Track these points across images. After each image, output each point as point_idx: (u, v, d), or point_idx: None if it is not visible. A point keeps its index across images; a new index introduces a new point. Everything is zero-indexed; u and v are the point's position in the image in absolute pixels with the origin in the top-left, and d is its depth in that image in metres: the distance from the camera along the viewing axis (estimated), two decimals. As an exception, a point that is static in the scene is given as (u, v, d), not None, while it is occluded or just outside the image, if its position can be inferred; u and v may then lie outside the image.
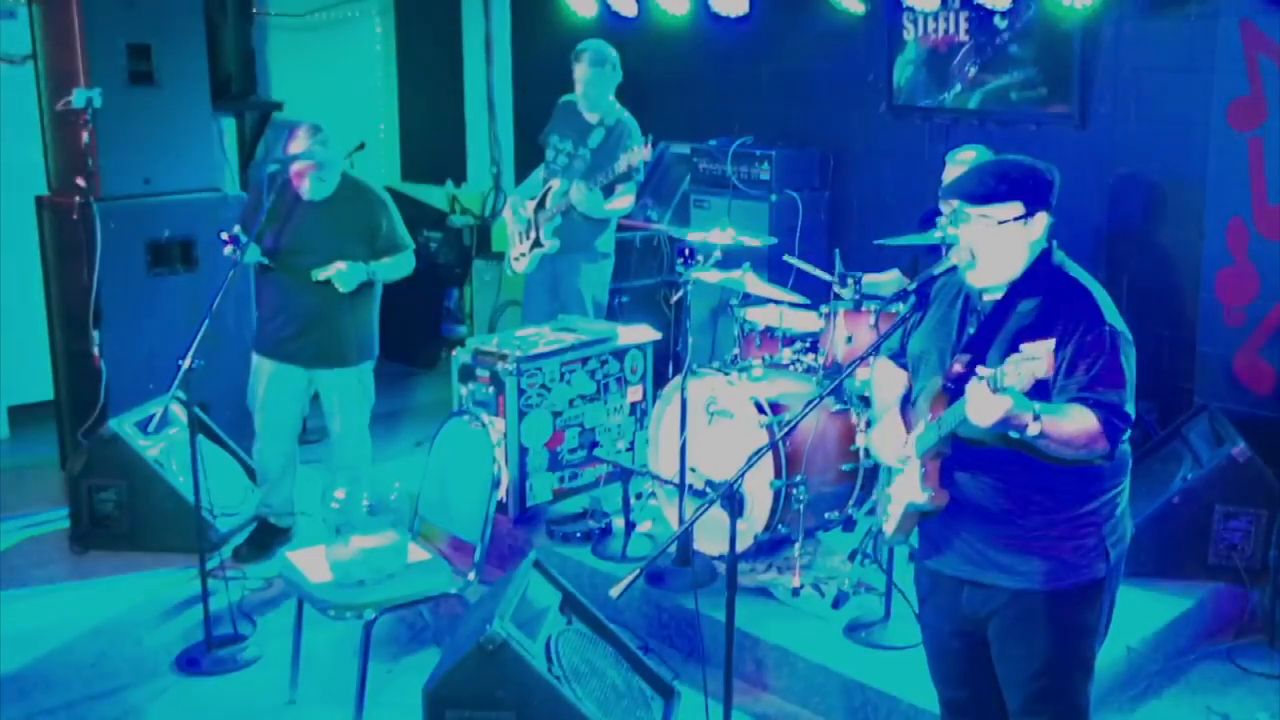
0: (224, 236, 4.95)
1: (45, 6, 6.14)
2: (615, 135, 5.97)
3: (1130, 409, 2.85)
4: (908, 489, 3.05)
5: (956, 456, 2.96)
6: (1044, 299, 2.93)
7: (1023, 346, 2.63)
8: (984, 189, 2.95)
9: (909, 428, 3.10)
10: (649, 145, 5.70)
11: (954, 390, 2.88)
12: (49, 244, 6.30)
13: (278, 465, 5.43)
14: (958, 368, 2.90)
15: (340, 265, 5.03)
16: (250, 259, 5.03)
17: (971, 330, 3.01)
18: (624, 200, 6.02)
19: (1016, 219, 2.92)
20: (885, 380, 3.32)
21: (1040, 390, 2.78)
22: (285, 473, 5.46)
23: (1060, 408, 2.79)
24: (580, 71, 6.00)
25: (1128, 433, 2.93)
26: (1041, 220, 2.96)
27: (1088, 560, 2.97)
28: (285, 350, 5.22)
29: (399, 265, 5.27)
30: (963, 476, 2.99)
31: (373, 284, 5.23)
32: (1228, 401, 5.23)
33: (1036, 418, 2.69)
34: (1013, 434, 2.75)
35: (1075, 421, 2.77)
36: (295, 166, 5.02)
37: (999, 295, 2.99)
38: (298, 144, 5.00)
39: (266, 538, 5.47)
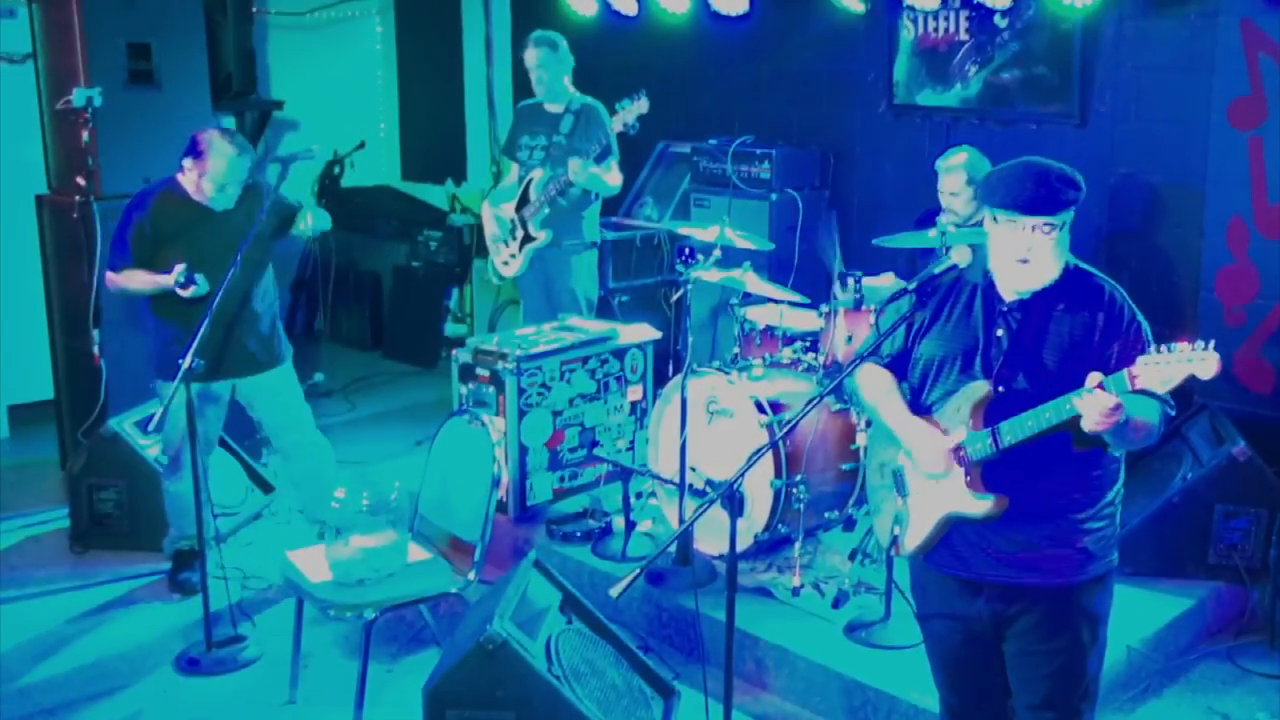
0: (184, 287, 4.65)
1: (45, 6, 6.14)
2: (585, 118, 5.99)
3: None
4: (948, 498, 3.00)
5: (1004, 460, 2.92)
6: (1071, 299, 2.92)
7: (1174, 346, 2.60)
8: (1064, 198, 2.88)
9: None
10: (643, 99, 5.66)
11: (1006, 396, 2.88)
12: (49, 243, 6.30)
13: (203, 489, 4.84)
14: (1021, 380, 2.89)
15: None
16: (204, 290, 4.70)
17: (1000, 333, 2.96)
18: (615, 175, 6.00)
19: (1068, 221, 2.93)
20: (872, 381, 3.24)
21: (1077, 374, 2.76)
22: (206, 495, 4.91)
23: (1135, 400, 2.76)
24: (531, 57, 6.01)
25: None
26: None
27: (1105, 550, 3.03)
28: (210, 367, 4.71)
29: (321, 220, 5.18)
30: (1010, 479, 2.94)
31: (269, 279, 5.09)
32: (1228, 401, 5.22)
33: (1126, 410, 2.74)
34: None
35: (1148, 412, 2.83)
36: (212, 179, 4.78)
37: (1024, 297, 2.95)
38: (218, 157, 4.76)
39: (186, 567, 5.14)
